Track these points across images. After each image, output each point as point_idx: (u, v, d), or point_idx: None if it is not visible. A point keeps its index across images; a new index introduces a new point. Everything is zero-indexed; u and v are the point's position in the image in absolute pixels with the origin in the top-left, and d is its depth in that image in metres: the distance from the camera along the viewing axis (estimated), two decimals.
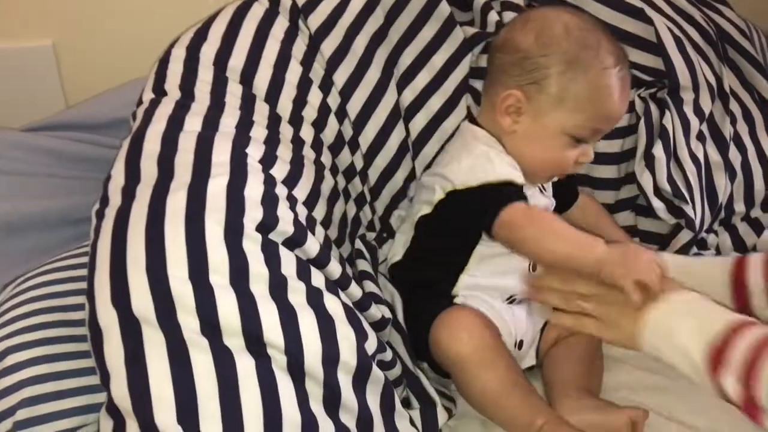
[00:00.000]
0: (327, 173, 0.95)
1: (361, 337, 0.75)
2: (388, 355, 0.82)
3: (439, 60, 1.07)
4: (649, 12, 1.11)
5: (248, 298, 0.69)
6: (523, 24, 0.95)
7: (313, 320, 0.71)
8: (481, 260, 0.95)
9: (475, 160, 0.93)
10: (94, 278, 0.71)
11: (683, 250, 1.11)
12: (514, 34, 0.94)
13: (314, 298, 0.73)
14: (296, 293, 0.72)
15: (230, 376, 0.66)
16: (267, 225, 0.74)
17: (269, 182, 0.79)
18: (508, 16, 1.10)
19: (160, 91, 0.89)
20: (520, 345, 0.97)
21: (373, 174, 1.05)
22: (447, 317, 0.91)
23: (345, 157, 1.02)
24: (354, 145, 1.03)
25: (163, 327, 0.66)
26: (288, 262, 0.74)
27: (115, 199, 0.76)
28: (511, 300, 0.96)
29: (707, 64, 1.14)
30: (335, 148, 1.00)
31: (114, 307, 0.68)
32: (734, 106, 1.18)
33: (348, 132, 1.02)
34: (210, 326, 0.67)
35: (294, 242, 0.76)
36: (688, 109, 1.10)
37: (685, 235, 1.11)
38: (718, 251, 1.15)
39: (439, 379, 0.96)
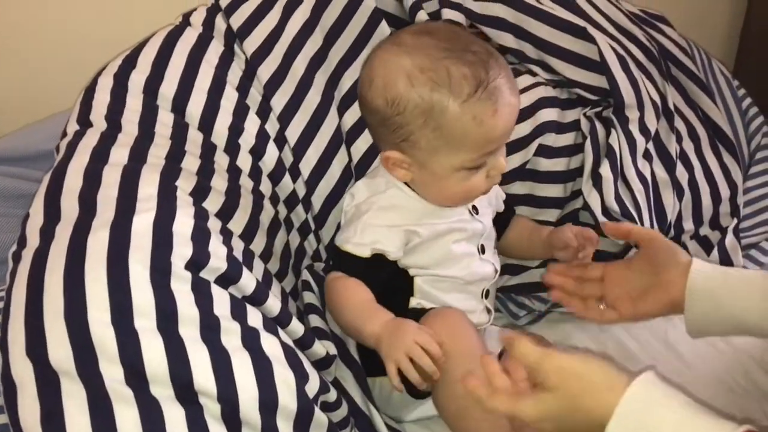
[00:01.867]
0: (266, 203, 0.92)
1: (301, 378, 0.71)
2: (332, 396, 0.78)
3: None
4: (592, 31, 1.10)
5: (177, 342, 0.65)
6: (368, 80, 0.89)
7: (249, 363, 0.67)
8: (423, 291, 0.94)
9: (351, 218, 0.94)
10: (8, 327, 0.66)
11: None
12: (365, 92, 0.90)
13: (250, 340, 0.69)
14: (230, 335, 0.68)
15: (158, 430, 0.61)
16: (197, 262, 0.70)
17: (200, 216, 0.75)
18: None
19: (85, 122, 0.85)
20: None
21: (317, 201, 1.01)
22: (441, 313, 0.88)
23: (286, 185, 0.98)
24: (295, 172, 0.99)
25: (84, 378, 0.62)
26: (221, 302, 0.70)
27: (33, 240, 0.71)
28: None
29: (651, 82, 1.14)
30: (275, 176, 0.96)
31: (29, 359, 0.63)
32: (679, 123, 1.18)
33: (288, 158, 0.98)
34: (135, 375, 0.63)
35: (228, 279, 0.72)
36: (634, 128, 1.10)
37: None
38: None
39: (395, 405, 0.92)
